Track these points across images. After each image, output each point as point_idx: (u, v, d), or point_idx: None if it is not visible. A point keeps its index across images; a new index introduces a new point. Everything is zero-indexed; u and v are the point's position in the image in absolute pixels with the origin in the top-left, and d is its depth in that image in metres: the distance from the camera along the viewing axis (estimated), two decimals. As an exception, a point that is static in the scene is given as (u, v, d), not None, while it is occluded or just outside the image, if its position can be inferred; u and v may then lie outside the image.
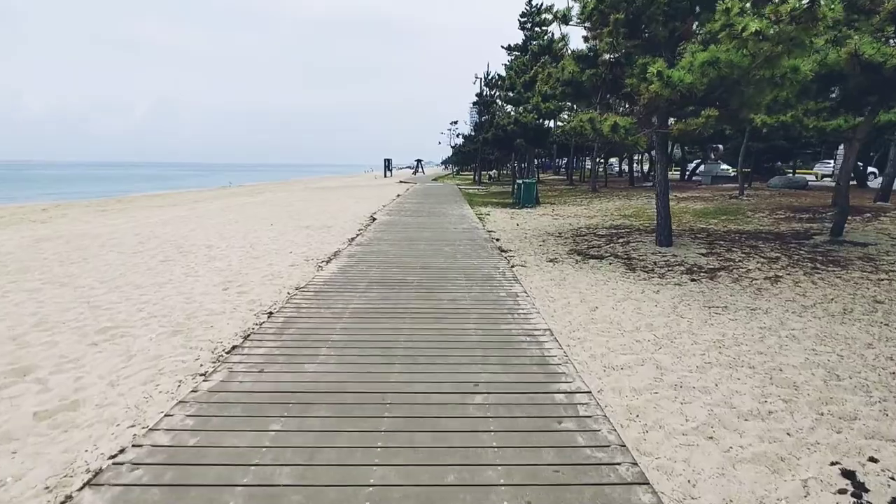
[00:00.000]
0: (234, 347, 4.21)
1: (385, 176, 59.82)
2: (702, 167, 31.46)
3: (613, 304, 5.59)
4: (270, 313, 5.18)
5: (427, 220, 13.67)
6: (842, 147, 31.39)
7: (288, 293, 6.00)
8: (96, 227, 13.68)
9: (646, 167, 38.32)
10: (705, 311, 5.27)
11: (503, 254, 8.65)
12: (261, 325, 4.78)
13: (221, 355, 4.06)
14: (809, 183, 23.30)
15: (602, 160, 34.09)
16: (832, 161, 30.73)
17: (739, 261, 7.65)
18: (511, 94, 18.45)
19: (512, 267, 7.55)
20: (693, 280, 6.66)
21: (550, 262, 8.03)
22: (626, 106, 7.53)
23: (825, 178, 28.59)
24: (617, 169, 57.45)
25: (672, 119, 8.32)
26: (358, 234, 10.75)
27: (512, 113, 20.16)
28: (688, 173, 32.51)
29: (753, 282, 6.45)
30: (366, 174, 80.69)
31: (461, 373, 3.66)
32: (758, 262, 7.49)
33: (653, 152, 33.36)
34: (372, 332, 4.57)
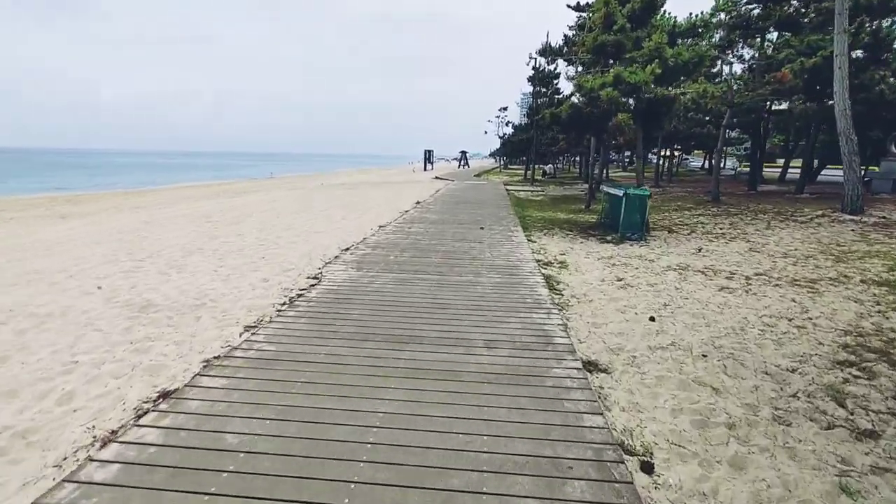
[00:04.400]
0: None
1: (424, 169, 52.95)
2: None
3: None
4: None
5: (436, 281, 6.31)
6: None
7: None
8: None
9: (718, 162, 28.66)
10: None
11: None
12: None
13: None
14: None
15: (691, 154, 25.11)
16: None
17: None
18: (607, 36, 10.62)
19: None
20: None
21: None
22: None
23: None
24: (694, 164, 46.30)
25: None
26: (224, 354, 3.58)
27: (592, 76, 12.27)
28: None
29: None
30: (408, 165, 74.83)
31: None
32: None
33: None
34: None
